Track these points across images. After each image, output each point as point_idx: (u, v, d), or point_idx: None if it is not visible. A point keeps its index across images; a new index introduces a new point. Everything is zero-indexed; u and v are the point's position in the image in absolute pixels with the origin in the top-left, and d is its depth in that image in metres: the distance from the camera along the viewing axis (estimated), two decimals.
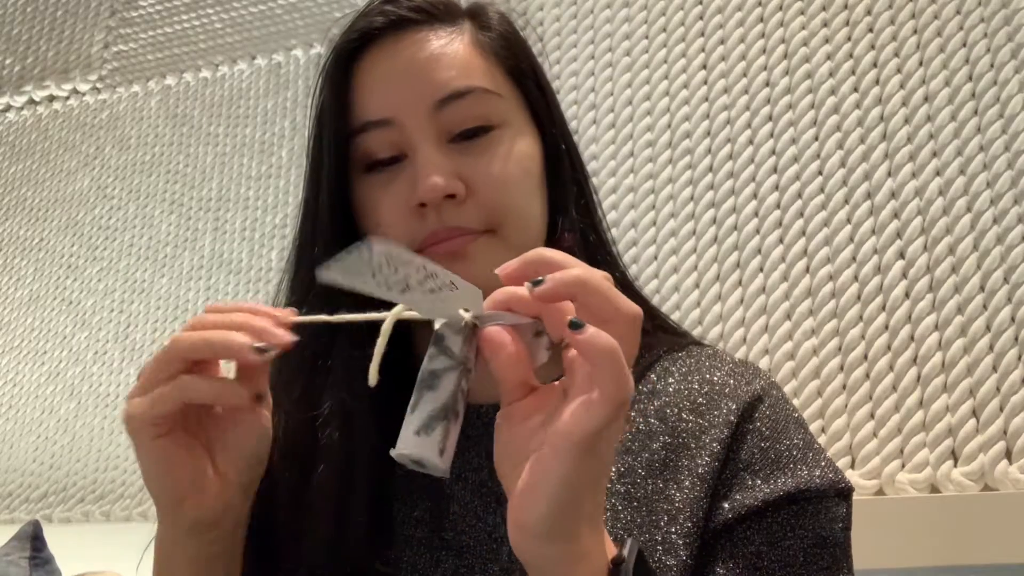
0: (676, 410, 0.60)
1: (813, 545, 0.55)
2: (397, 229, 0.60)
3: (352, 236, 0.64)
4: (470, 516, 0.59)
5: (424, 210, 0.60)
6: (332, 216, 0.63)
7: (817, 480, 0.57)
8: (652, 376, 0.64)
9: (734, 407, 0.60)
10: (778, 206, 1.29)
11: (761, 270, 1.27)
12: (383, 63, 0.63)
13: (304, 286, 0.64)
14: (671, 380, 0.63)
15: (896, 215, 1.22)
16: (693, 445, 0.58)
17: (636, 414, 0.61)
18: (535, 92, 0.67)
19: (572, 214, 0.67)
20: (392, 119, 0.61)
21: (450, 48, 0.63)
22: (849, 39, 1.32)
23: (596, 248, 0.69)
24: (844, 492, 0.59)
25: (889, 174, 1.24)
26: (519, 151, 0.63)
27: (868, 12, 1.32)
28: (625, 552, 0.44)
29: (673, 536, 0.55)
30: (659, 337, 0.68)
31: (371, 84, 0.62)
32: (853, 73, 1.30)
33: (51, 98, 2.00)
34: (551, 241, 0.65)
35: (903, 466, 1.12)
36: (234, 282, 1.67)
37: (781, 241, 1.27)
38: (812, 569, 0.55)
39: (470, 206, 0.60)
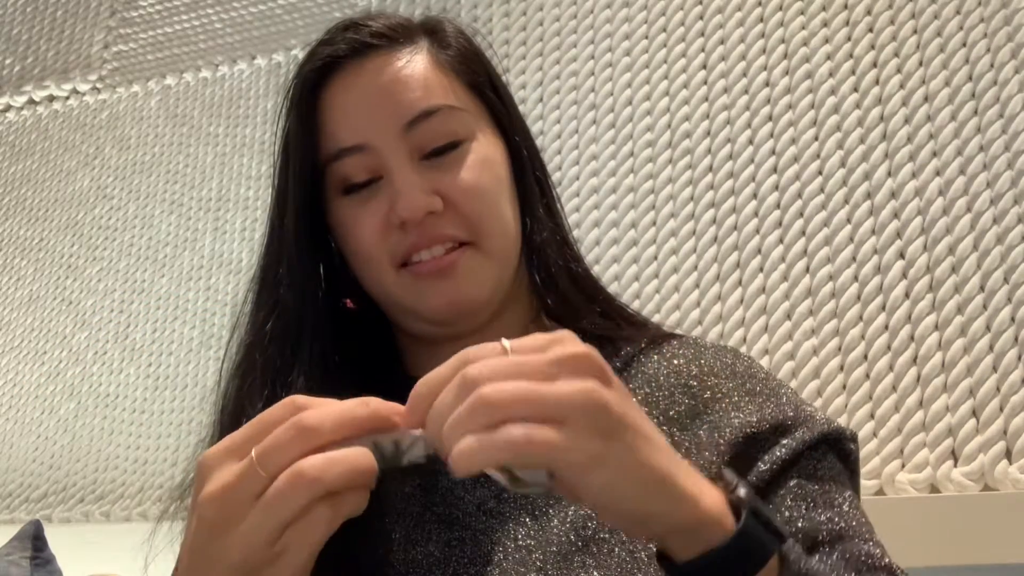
0: (668, 392, 0.64)
1: (837, 476, 0.60)
2: (377, 246, 0.64)
3: (320, 257, 0.68)
4: (459, 489, 0.61)
5: (405, 226, 0.63)
6: (297, 239, 0.66)
7: (833, 424, 0.62)
8: (641, 364, 0.67)
9: (731, 384, 0.64)
10: (778, 206, 1.29)
11: (761, 270, 1.27)
12: (350, 90, 0.66)
13: (269, 306, 0.66)
14: (660, 367, 0.66)
15: (896, 215, 1.22)
16: (690, 426, 0.62)
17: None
18: (495, 101, 0.70)
19: (540, 214, 0.70)
20: (365, 144, 0.64)
21: (412, 70, 0.66)
22: (849, 39, 1.32)
23: (561, 246, 0.72)
24: (854, 435, 0.64)
25: (889, 174, 1.24)
26: (489, 160, 0.66)
27: (868, 12, 1.32)
28: (741, 492, 0.45)
29: None
30: (640, 329, 0.71)
31: (340, 111, 0.65)
32: (853, 73, 1.30)
33: (51, 98, 2.00)
34: (525, 242, 0.69)
35: (903, 466, 1.12)
36: (234, 282, 1.67)
37: (781, 241, 1.27)
38: (841, 496, 0.59)
39: (449, 217, 0.64)
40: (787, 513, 0.57)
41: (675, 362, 0.66)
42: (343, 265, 0.68)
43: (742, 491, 0.44)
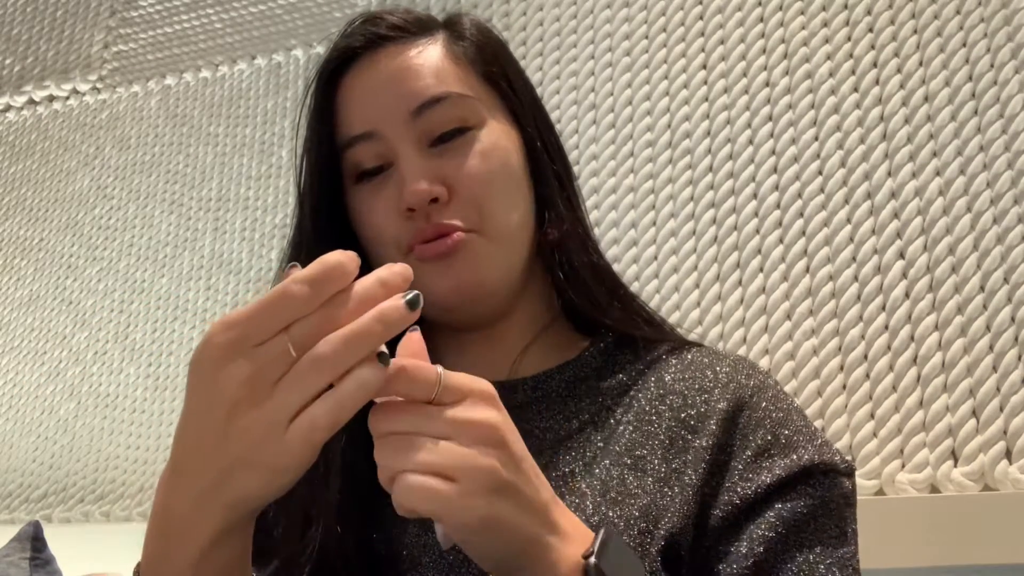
0: (682, 396, 0.65)
1: (822, 515, 0.59)
2: (388, 232, 0.65)
3: (343, 242, 0.68)
4: None
5: (412, 213, 0.63)
6: (315, 227, 0.67)
7: (827, 456, 0.61)
8: (659, 369, 0.68)
9: (733, 399, 0.64)
10: (778, 206, 1.29)
11: (761, 270, 1.27)
12: (362, 79, 0.67)
13: None
14: (676, 372, 0.67)
15: (896, 215, 1.22)
16: (699, 428, 0.62)
17: (642, 399, 0.65)
18: (510, 93, 0.70)
19: (558, 207, 0.70)
20: (374, 131, 0.65)
21: (423, 58, 0.66)
22: (849, 39, 1.32)
23: (583, 238, 0.72)
24: (850, 470, 0.62)
25: (889, 174, 1.24)
26: (497, 147, 0.66)
27: (868, 12, 1.32)
28: (592, 560, 0.46)
29: (678, 503, 0.59)
30: (658, 329, 0.73)
31: (353, 100, 0.67)
32: (853, 73, 1.30)
33: (51, 98, 2.00)
34: (540, 234, 0.69)
35: (903, 466, 1.12)
36: (234, 282, 1.67)
37: (781, 241, 1.27)
38: (822, 536, 0.58)
39: (454, 205, 0.64)
40: (756, 546, 0.57)
41: (692, 368, 0.67)
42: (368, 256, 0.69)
43: (592, 560, 0.46)
